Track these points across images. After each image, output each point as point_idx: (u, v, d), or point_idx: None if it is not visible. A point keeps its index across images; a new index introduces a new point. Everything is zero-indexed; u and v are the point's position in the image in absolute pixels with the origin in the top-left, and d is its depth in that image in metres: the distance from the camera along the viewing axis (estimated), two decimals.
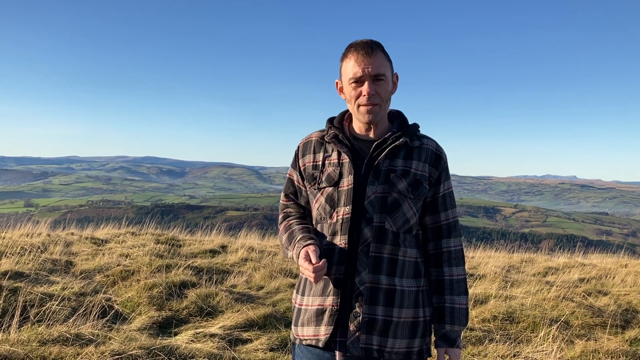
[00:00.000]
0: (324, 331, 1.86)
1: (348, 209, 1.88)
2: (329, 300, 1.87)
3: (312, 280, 1.78)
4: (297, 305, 2.01)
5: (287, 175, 2.14)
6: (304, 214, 2.09)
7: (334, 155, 1.96)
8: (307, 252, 1.84)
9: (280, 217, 2.14)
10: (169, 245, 8.39)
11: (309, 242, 1.88)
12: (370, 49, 1.86)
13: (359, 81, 1.88)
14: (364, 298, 1.84)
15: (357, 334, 1.83)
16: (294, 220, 2.03)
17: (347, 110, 2.05)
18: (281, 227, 2.08)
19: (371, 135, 1.97)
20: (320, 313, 1.89)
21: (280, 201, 2.19)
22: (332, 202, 1.92)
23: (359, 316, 1.84)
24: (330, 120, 2.05)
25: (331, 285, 1.87)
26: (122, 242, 8.42)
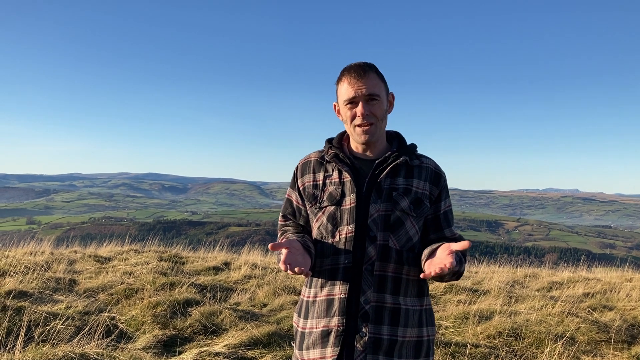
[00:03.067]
0: (330, 353, 1.85)
1: (351, 227, 1.88)
2: (335, 321, 1.86)
3: (282, 262, 1.72)
4: (299, 329, 1.99)
5: (286, 196, 2.14)
6: (303, 231, 2.09)
7: (335, 174, 1.97)
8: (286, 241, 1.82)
9: (278, 235, 2.13)
10: (172, 262, 8.39)
11: (295, 237, 1.91)
12: (362, 70, 1.91)
13: (353, 102, 1.93)
14: (370, 317, 1.83)
15: (363, 354, 1.82)
16: (292, 235, 2.02)
17: (346, 131, 2.09)
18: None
19: (370, 154, 2.00)
20: (326, 334, 1.87)
21: (279, 222, 2.17)
22: (335, 221, 1.92)
23: (365, 336, 1.83)
24: (329, 141, 2.08)
25: (336, 305, 1.87)
26: (125, 260, 8.42)
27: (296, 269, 1.69)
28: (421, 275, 1.70)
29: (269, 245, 1.75)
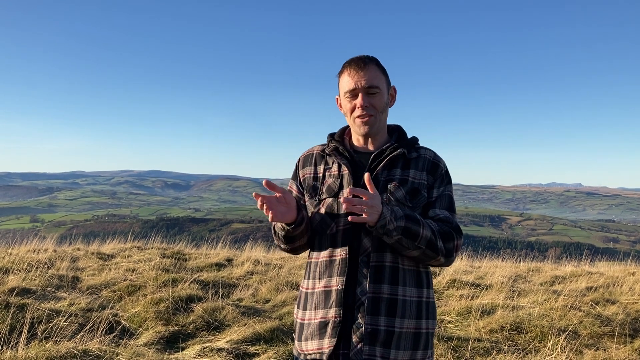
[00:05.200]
0: (327, 344, 1.87)
1: (348, 219, 1.89)
2: (332, 312, 1.87)
3: (269, 213, 1.79)
4: (299, 320, 2.01)
5: (287, 188, 2.15)
6: None
7: (335, 167, 2.00)
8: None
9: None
10: (175, 259, 8.40)
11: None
12: (363, 63, 1.94)
13: (353, 94, 1.94)
14: (366, 308, 1.84)
15: (360, 345, 1.83)
16: None
17: (348, 126, 2.10)
18: None
19: (370, 147, 2.02)
20: (323, 326, 1.89)
21: None
22: (332, 213, 1.94)
23: (362, 327, 1.84)
24: (332, 135, 2.10)
25: (333, 297, 1.88)
26: (128, 257, 8.45)
27: (270, 213, 1.80)
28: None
29: (263, 181, 1.81)
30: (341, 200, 1.72)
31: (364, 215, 1.75)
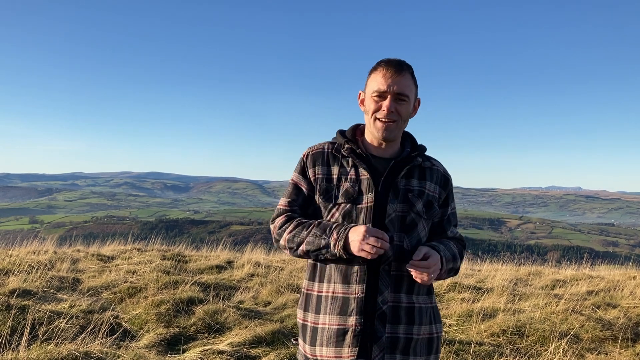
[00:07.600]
0: (347, 353, 1.82)
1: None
2: (352, 320, 1.83)
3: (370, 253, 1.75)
4: (310, 324, 1.93)
5: (293, 182, 2.01)
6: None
7: (352, 171, 1.92)
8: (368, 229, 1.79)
9: (281, 218, 1.98)
10: (175, 261, 8.39)
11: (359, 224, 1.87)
12: (400, 68, 1.89)
13: (381, 96, 1.90)
14: (387, 317, 1.83)
15: (381, 354, 1.82)
16: (312, 221, 1.92)
17: (359, 125, 2.06)
18: (289, 225, 1.93)
19: (385, 152, 1.97)
20: (342, 333, 1.84)
21: (280, 206, 2.02)
22: (350, 220, 1.88)
23: (383, 336, 1.82)
24: (342, 133, 2.02)
25: (353, 305, 1.84)
26: (128, 259, 8.44)
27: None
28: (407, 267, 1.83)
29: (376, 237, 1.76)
30: (408, 267, 1.83)
31: (426, 278, 1.82)
